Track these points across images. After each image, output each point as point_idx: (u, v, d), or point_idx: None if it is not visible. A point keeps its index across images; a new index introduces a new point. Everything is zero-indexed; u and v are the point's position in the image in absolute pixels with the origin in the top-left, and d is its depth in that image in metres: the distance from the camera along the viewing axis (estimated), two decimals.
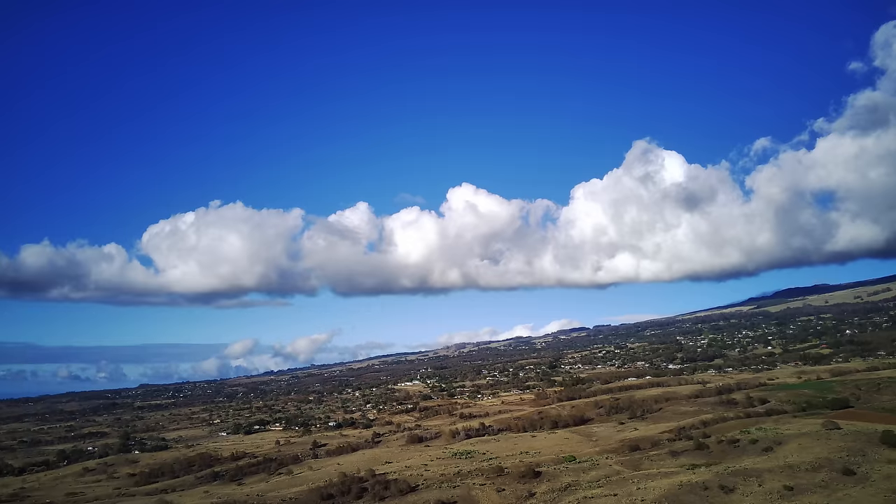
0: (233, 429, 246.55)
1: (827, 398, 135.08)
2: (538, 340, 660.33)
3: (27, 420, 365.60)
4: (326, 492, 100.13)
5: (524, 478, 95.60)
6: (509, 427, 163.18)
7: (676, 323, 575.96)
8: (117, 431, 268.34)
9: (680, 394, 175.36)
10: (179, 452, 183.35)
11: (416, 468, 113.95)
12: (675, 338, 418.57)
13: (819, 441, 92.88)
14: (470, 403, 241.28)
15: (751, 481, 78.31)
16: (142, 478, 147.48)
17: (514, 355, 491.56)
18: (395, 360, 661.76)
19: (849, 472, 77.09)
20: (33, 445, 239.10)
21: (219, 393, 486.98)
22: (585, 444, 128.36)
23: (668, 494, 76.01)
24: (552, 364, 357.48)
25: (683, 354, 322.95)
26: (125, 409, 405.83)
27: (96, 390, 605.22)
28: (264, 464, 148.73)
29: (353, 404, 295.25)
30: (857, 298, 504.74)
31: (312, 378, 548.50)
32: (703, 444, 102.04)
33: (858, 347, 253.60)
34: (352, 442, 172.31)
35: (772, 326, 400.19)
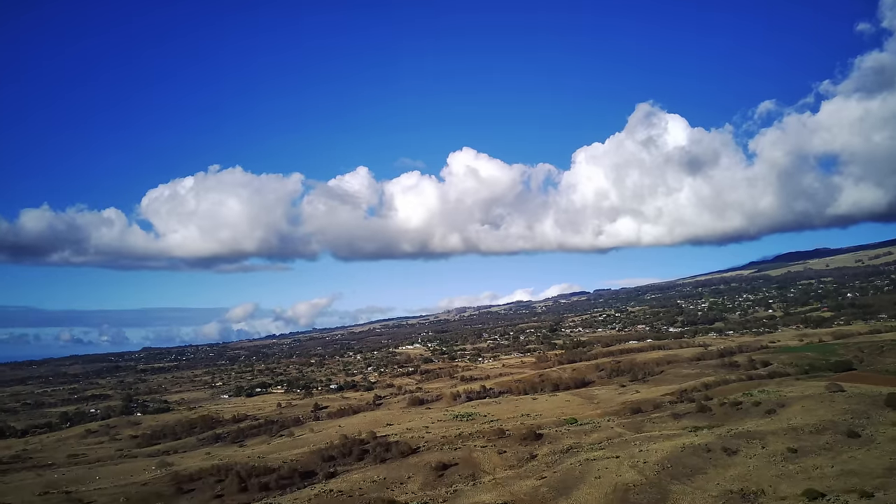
0: (235, 391, 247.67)
1: (830, 361, 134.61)
2: (538, 304, 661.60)
3: (31, 383, 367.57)
4: (328, 453, 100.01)
5: (525, 440, 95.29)
6: (510, 390, 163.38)
7: (677, 287, 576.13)
8: (120, 394, 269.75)
9: (681, 356, 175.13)
10: (181, 415, 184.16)
11: (418, 430, 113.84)
12: (675, 301, 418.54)
13: (823, 403, 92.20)
14: (471, 366, 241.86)
15: (754, 443, 77.65)
16: (144, 439, 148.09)
17: (515, 319, 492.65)
18: (396, 323, 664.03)
19: (853, 435, 76.34)
20: (36, 408, 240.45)
21: (221, 356, 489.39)
22: (587, 406, 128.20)
23: (670, 456, 75.39)
24: (553, 327, 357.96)
25: (684, 318, 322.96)
26: (128, 372, 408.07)
27: (100, 353, 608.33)
28: (266, 426, 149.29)
29: (354, 367, 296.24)
30: (858, 262, 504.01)
31: (314, 341, 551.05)
32: (705, 406, 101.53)
33: (860, 310, 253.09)
34: (353, 404, 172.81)
35: (772, 290, 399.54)
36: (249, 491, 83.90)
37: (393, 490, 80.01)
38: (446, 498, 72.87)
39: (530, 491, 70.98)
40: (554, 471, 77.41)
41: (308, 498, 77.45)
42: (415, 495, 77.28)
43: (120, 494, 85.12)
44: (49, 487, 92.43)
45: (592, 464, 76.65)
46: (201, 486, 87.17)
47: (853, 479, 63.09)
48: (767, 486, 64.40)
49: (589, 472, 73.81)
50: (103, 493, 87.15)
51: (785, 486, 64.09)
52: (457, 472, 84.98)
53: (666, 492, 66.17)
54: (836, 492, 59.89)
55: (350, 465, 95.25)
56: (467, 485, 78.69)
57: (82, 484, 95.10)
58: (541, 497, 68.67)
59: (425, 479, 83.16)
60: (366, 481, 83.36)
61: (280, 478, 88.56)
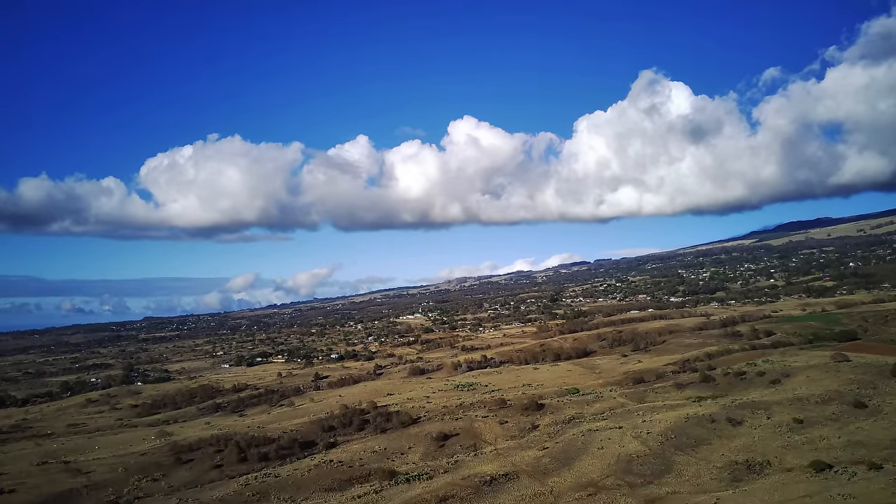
0: (235, 361, 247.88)
1: (834, 330, 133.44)
2: (539, 274, 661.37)
3: (32, 352, 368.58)
4: (328, 423, 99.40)
5: (527, 410, 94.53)
6: (511, 359, 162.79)
7: (678, 256, 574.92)
8: (121, 363, 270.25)
9: (683, 326, 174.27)
10: (182, 384, 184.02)
11: (418, 400, 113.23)
12: (676, 271, 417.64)
13: (828, 373, 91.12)
14: (471, 336, 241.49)
15: (759, 414, 76.67)
16: (144, 409, 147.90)
17: (516, 289, 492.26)
18: (396, 293, 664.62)
19: (860, 405, 75.30)
20: (37, 377, 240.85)
21: (222, 326, 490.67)
22: (588, 376, 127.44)
23: (674, 427, 74.42)
24: (553, 297, 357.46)
25: (685, 287, 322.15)
26: (129, 342, 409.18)
27: (101, 323, 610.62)
28: (266, 395, 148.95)
29: (355, 337, 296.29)
30: (860, 231, 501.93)
31: (315, 311, 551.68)
32: (708, 376, 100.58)
33: (862, 280, 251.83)
34: (353, 374, 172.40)
35: (774, 259, 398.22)
36: (249, 461, 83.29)
37: (394, 460, 79.43)
38: (447, 468, 72.06)
39: (532, 461, 70.10)
40: (556, 441, 76.55)
41: (308, 468, 76.79)
42: (416, 465, 76.63)
43: (119, 464, 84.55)
44: (48, 457, 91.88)
45: (595, 434, 75.75)
46: (200, 457, 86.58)
47: (861, 450, 62.12)
48: (773, 456, 63.47)
49: (591, 442, 72.90)
50: (102, 462, 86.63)
51: (791, 456, 63.15)
52: (458, 442, 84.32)
53: (670, 462, 65.25)
54: (843, 463, 58.89)
55: (350, 435, 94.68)
56: (468, 455, 77.96)
57: (81, 454, 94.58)
58: (543, 468, 67.79)
59: (426, 450, 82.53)
60: (366, 451, 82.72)
61: (280, 448, 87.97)
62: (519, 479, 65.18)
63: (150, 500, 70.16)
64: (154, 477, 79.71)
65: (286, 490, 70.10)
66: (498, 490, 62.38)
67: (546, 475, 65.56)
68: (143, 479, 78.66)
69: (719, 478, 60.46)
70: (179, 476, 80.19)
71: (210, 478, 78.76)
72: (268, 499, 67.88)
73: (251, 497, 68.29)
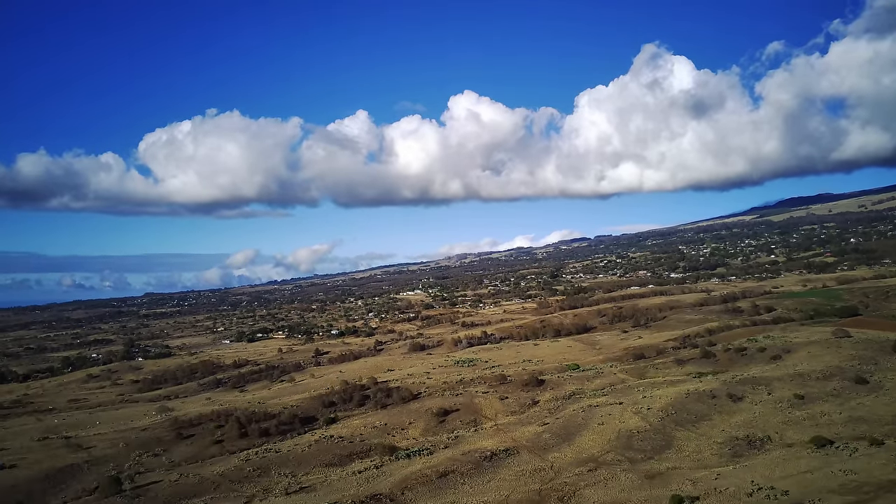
0: (236, 337, 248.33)
1: (835, 306, 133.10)
2: (539, 251, 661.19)
3: (34, 327, 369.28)
4: (328, 399, 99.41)
5: (527, 386, 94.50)
6: (511, 335, 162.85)
7: (678, 232, 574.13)
8: (122, 339, 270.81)
9: (684, 302, 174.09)
10: (182, 360, 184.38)
11: (419, 376, 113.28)
12: (676, 247, 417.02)
13: (829, 349, 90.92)
14: (472, 312, 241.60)
15: (760, 390, 76.50)
16: (145, 384, 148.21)
17: (515, 265, 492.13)
18: (396, 270, 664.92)
19: (861, 381, 75.08)
20: (39, 352, 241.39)
21: (223, 302, 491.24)
22: (589, 352, 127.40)
23: (674, 403, 74.29)
24: (553, 273, 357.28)
25: (686, 263, 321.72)
26: (131, 317, 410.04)
27: (102, 298, 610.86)
28: (266, 371, 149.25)
29: (355, 313, 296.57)
30: (861, 207, 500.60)
31: (315, 287, 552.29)
32: (709, 352, 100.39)
33: (863, 256, 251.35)
34: (354, 350, 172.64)
35: (775, 235, 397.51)
36: (249, 437, 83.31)
37: (394, 436, 79.45)
38: (448, 444, 72.09)
39: (532, 437, 70.11)
40: (556, 417, 76.54)
41: (308, 444, 76.84)
42: (416, 441, 76.68)
43: (119, 440, 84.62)
44: (48, 433, 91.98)
45: (595, 410, 75.68)
46: (201, 432, 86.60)
47: (862, 426, 61.99)
48: (774, 432, 63.37)
49: (592, 418, 72.84)
50: (103, 438, 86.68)
51: (792, 432, 63.05)
52: (458, 418, 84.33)
53: (670, 438, 65.17)
54: (844, 439, 58.78)
55: (351, 410, 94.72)
56: (469, 431, 78.00)
57: (82, 429, 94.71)
58: (543, 443, 67.77)
59: (426, 425, 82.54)
60: (366, 427, 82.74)
61: (280, 423, 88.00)
62: (519, 454, 65.18)
63: (150, 476, 70.14)
64: (155, 452, 79.76)
65: (287, 465, 70.14)
66: (498, 465, 62.36)
67: (546, 450, 65.57)
68: (143, 455, 78.72)
69: (720, 453, 60.40)
70: (180, 451, 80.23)
71: (211, 453, 78.80)
72: (268, 474, 67.90)
73: (252, 472, 68.30)
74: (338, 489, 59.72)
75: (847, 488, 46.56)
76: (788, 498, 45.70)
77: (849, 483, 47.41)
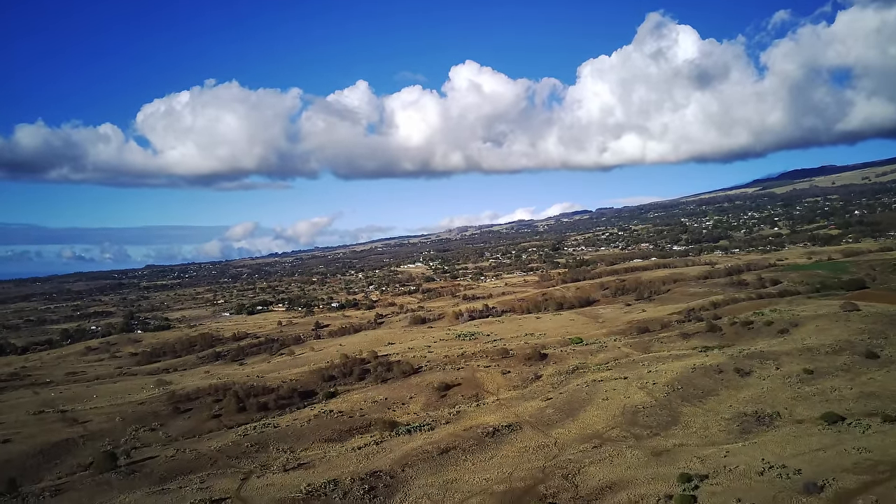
0: (236, 309, 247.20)
1: (842, 279, 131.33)
2: (540, 223, 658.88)
3: (34, 299, 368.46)
4: (328, 373, 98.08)
5: (530, 360, 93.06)
6: (513, 309, 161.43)
7: (680, 205, 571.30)
8: (122, 311, 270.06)
9: (688, 275, 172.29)
10: (182, 332, 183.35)
11: (420, 350, 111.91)
12: (679, 220, 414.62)
13: (838, 323, 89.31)
14: (473, 285, 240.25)
15: (767, 364, 74.93)
16: (143, 357, 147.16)
17: (517, 238, 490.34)
18: (397, 242, 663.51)
19: (871, 356, 73.46)
20: (39, 324, 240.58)
21: (223, 274, 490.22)
22: (592, 325, 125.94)
23: (680, 378, 72.82)
24: (555, 246, 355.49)
25: (688, 236, 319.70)
26: (131, 289, 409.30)
27: (103, 271, 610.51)
28: (266, 344, 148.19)
29: (355, 286, 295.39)
30: (865, 179, 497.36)
31: (316, 260, 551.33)
32: (715, 325, 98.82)
33: (868, 228, 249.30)
34: (354, 323, 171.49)
35: (778, 208, 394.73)
36: (247, 411, 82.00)
37: (394, 410, 78.14)
38: (449, 419, 70.76)
39: (535, 412, 68.71)
40: (560, 392, 75.17)
41: (308, 418, 75.56)
42: (417, 416, 75.36)
43: (116, 414, 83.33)
44: (45, 406, 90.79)
45: (600, 385, 74.27)
46: (198, 406, 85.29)
47: (874, 401, 60.45)
48: (783, 408, 61.90)
49: (596, 393, 71.45)
50: (99, 412, 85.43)
51: (801, 408, 61.57)
52: (459, 392, 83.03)
53: (677, 414, 63.75)
54: (856, 415, 57.24)
55: (351, 384, 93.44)
56: (470, 406, 76.68)
57: (79, 403, 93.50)
58: (546, 419, 66.37)
59: (427, 400, 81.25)
60: (366, 402, 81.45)
61: (279, 398, 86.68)
62: (522, 430, 63.79)
63: (146, 451, 68.89)
64: (151, 427, 78.44)
65: (285, 440, 68.86)
66: (501, 441, 60.98)
67: (550, 426, 64.18)
68: (140, 429, 77.40)
69: (728, 430, 58.94)
70: (177, 426, 78.95)
71: (208, 428, 77.52)
72: (266, 449, 66.61)
73: (249, 448, 67.00)
74: (337, 465, 58.41)
75: (861, 467, 45.05)
76: (801, 477, 44.18)
77: (863, 462, 45.90)
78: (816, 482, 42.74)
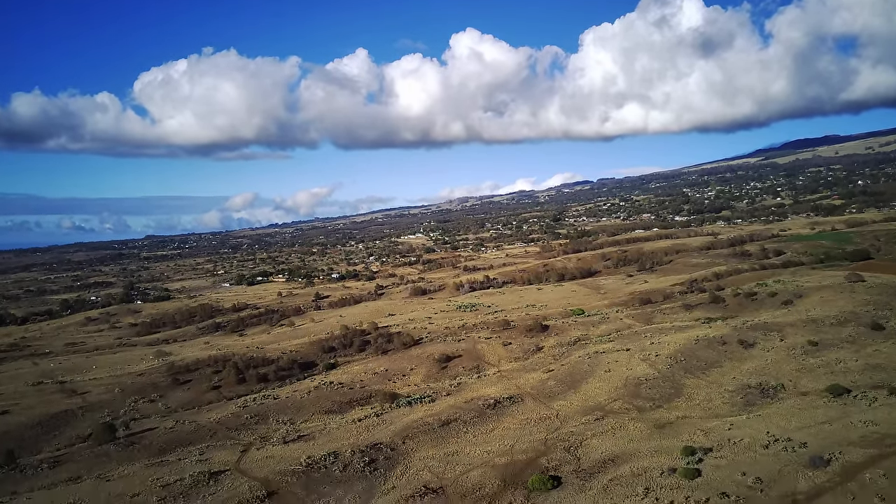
0: (236, 280, 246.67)
1: (846, 250, 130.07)
2: (541, 194, 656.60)
3: (35, 270, 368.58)
4: (328, 344, 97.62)
5: (531, 331, 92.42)
6: (514, 280, 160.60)
7: (682, 175, 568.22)
8: (123, 281, 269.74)
9: (690, 245, 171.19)
10: (182, 303, 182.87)
11: (420, 321, 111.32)
12: (680, 190, 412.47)
13: (843, 294, 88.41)
14: (474, 256, 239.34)
15: (772, 336, 74.18)
16: (143, 328, 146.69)
17: (517, 209, 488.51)
18: (397, 213, 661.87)
19: (877, 327, 72.60)
20: (38, 295, 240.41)
21: (223, 245, 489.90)
22: (593, 297, 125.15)
23: (683, 349, 72.09)
24: (556, 217, 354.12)
25: (690, 206, 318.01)
26: (131, 260, 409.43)
27: (104, 241, 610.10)
28: (266, 315, 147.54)
29: (356, 257, 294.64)
30: (869, 149, 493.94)
31: (316, 230, 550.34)
32: (718, 297, 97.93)
33: (872, 198, 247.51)
34: (354, 294, 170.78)
35: (780, 178, 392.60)
36: (247, 382, 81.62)
37: (395, 382, 77.65)
38: (450, 391, 70.18)
39: (537, 384, 68.09)
40: (561, 364, 74.51)
41: (307, 390, 75.09)
42: (417, 388, 74.84)
43: (115, 385, 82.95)
44: (44, 377, 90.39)
45: (601, 356, 73.59)
46: (198, 378, 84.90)
47: (880, 373, 59.67)
48: (787, 380, 61.15)
49: (598, 365, 70.79)
50: (98, 383, 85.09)
51: (806, 380, 60.83)
52: (460, 364, 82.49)
53: (679, 386, 63.07)
54: (862, 388, 56.45)
55: (351, 356, 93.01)
56: (471, 377, 76.10)
57: (78, 373, 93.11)
58: (548, 391, 65.77)
59: (428, 372, 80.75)
60: (367, 373, 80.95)
61: (279, 369, 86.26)
62: (523, 402, 63.20)
63: (145, 422, 68.51)
64: (150, 398, 78.11)
65: (285, 412, 68.43)
66: (502, 413, 60.42)
67: (551, 398, 63.59)
68: (139, 401, 77.04)
69: (731, 402, 58.26)
70: (176, 397, 78.60)
71: (207, 399, 77.18)
72: (266, 421, 66.19)
73: (249, 419, 66.60)
74: (337, 437, 57.91)
75: (868, 441, 44.32)
76: (807, 450, 43.49)
77: (870, 435, 45.17)
78: (823, 456, 42.06)
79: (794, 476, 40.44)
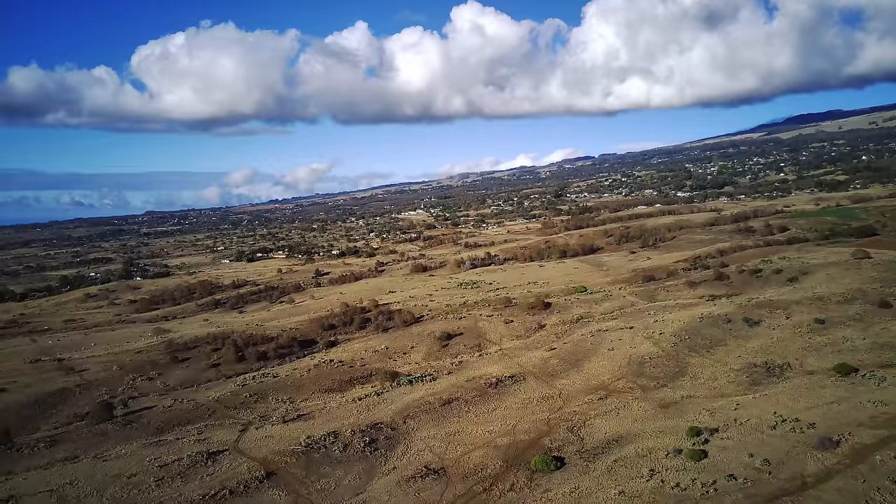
0: (235, 256, 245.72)
1: (851, 226, 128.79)
2: (542, 170, 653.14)
3: (35, 245, 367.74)
4: (328, 322, 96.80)
5: (533, 309, 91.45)
6: (516, 257, 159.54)
7: (684, 150, 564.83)
8: (122, 257, 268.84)
9: (693, 222, 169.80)
10: (181, 280, 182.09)
11: (421, 298, 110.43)
12: (683, 165, 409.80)
13: (849, 271, 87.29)
14: (474, 233, 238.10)
15: (777, 314, 73.11)
16: (142, 304, 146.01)
17: (519, 185, 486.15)
18: (398, 189, 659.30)
19: (885, 305, 71.50)
20: (38, 271, 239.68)
21: (223, 220, 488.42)
22: (596, 273, 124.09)
23: (687, 327, 71.09)
24: (558, 193, 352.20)
25: (693, 182, 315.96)
26: (131, 236, 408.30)
27: (104, 217, 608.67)
28: (266, 292, 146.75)
29: (356, 233, 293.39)
30: (872, 124, 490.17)
31: (316, 207, 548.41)
32: (722, 274, 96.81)
33: (876, 174, 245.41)
34: (355, 271, 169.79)
35: (784, 153, 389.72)
36: (247, 360, 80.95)
37: (395, 360, 76.90)
38: (451, 369, 69.36)
39: (539, 363, 67.21)
40: (564, 342, 73.59)
41: (307, 368, 74.37)
42: (418, 366, 74.07)
43: (113, 363, 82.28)
44: (42, 354, 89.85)
45: (605, 335, 72.65)
46: (197, 356, 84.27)
47: (888, 352, 58.66)
48: (794, 359, 60.19)
49: (601, 343, 69.85)
50: (97, 360, 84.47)
51: (813, 359, 59.86)
52: (462, 342, 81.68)
53: (684, 365, 62.16)
54: (870, 367, 55.45)
55: (351, 334, 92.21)
56: (473, 356, 75.27)
57: (76, 351, 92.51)
58: (551, 369, 64.92)
59: (429, 350, 79.98)
60: (367, 351, 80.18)
61: (278, 347, 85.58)
62: (526, 381, 62.36)
63: (143, 401, 67.87)
64: (149, 376, 77.44)
65: (285, 391, 67.78)
66: (504, 392, 59.60)
67: (554, 377, 62.75)
68: (137, 378, 76.39)
69: (737, 381, 57.35)
70: (175, 375, 77.95)
71: (206, 377, 76.55)
72: (265, 400, 65.54)
73: (248, 398, 65.94)
74: (337, 417, 57.20)
75: (878, 421, 43.43)
76: (816, 431, 42.63)
77: (879, 415, 44.28)
78: (832, 437, 41.20)
79: (803, 458, 39.59)
